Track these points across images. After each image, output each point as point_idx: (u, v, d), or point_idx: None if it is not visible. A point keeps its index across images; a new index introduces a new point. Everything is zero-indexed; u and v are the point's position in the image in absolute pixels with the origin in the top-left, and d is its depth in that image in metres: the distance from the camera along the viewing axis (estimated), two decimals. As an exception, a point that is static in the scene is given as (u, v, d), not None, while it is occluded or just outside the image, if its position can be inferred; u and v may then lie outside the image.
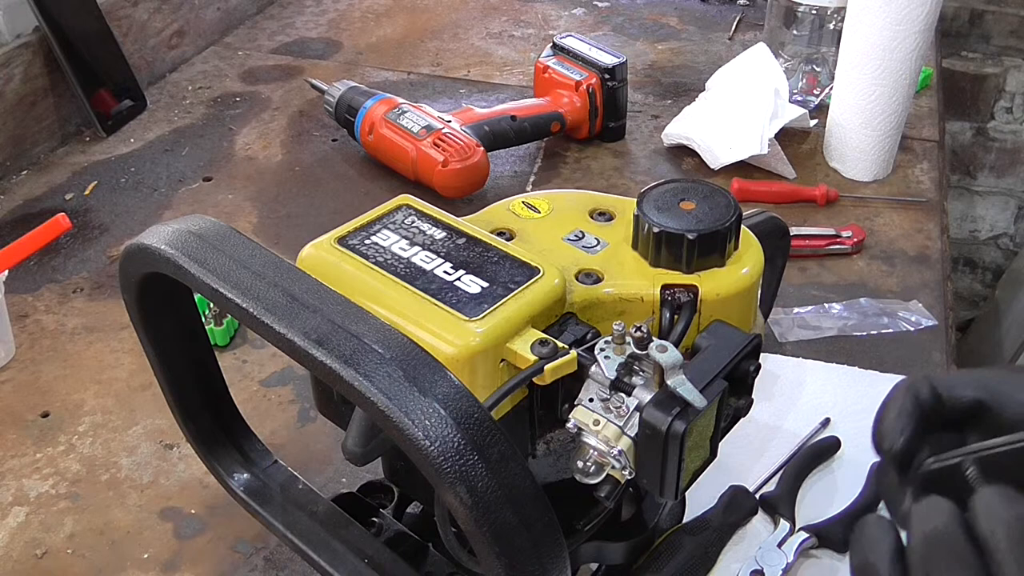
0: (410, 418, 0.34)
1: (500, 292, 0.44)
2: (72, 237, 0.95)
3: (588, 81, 1.05)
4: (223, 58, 1.31)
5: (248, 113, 1.18)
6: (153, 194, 1.03)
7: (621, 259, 0.48)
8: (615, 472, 0.40)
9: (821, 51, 1.13)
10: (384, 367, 0.35)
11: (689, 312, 0.46)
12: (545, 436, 0.47)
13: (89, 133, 1.13)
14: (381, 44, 1.35)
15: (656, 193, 0.49)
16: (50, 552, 0.65)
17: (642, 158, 1.08)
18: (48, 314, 0.86)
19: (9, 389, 0.78)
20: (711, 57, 1.29)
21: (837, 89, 1.02)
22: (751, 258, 0.48)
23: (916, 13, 0.92)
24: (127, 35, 1.18)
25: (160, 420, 0.75)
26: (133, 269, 0.44)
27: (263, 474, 0.55)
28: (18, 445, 0.73)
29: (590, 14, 1.43)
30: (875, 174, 1.03)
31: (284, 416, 0.75)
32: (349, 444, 0.44)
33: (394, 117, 1.00)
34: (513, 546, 0.35)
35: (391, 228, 0.48)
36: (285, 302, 0.38)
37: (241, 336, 0.83)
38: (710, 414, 0.40)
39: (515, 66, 1.28)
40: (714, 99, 1.10)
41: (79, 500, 0.69)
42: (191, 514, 0.68)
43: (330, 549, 0.51)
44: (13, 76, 1.04)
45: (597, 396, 0.41)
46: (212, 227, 0.43)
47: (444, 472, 0.34)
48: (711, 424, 0.42)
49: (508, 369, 0.43)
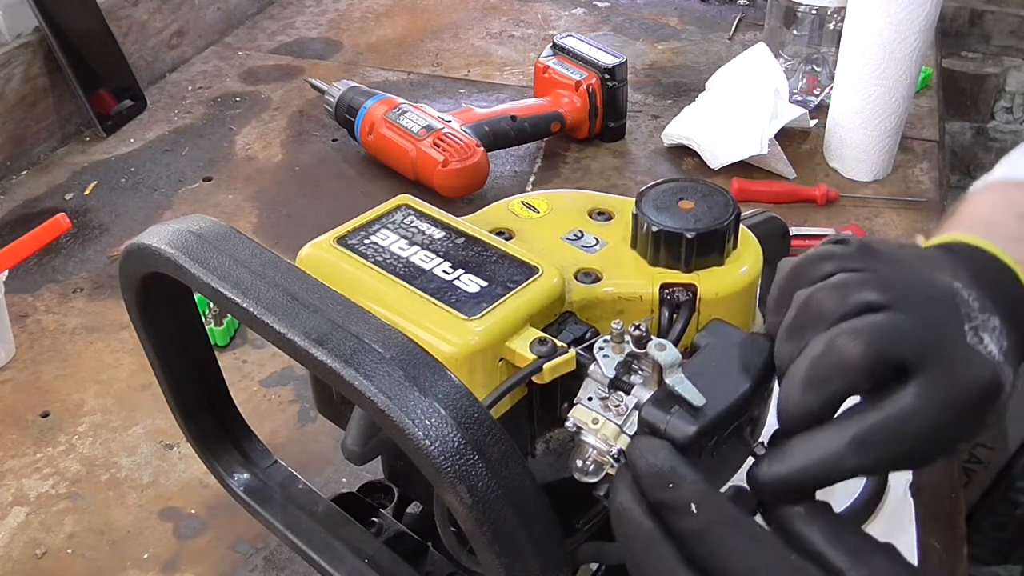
0: (410, 418, 0.34)
1: (499, 291, 0.44)
2: (72, 237, 0.96)
3: (588, 81, 1.05)
4: (223, 58, 1.31)
5: (248, 113, 1.18)
6: (153, 194, 1.03)
7: (620, 258, 0.48)
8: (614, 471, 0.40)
9: (821, 51, 1.13)
10: (384, 367, 0.35)
11: (688, 311, 0.46)
12: (544, 435, 0.47)
13: (89, 133, 1.13)
14: (381, 44, 1.35)
15: (655, 192, 0.49)
16: (50, 552, 0.65)
17: (642, 158, 1.08)
18: (48, 314, 0.86)
19: (9, 389, 0.78)
20: (711, 57, 1.29)
21: (837, 89, 1.02)
22: (750, 257, 0.48)
23: (916, 13, 0.92)
24: (127, 35, 1.18)
25: (160, 420, 0.75)
26: (133, 269, 0.44)
27: (263, 474, 0.55)
28: (18, 445, 0.73)
29: (590, 14, 1.43)
30: (875, 174, 1.03)
31: (284, 416, 0.75)
32: (348, 443, 0.44)
33: (394, 117, 1.00)
34: (513, 546, 0.35)
35: (390, 228, 0.48)
36: (285, 302, 0.38)
37: (241, 336, 0.83)
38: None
39: (515, 66, 1.28)
40: (714, 99, 1.10)
41: (79, 500, 0.69)
42: (191, 514, 0.68)
43: (330, 549, 0.51)
44: (13, 76, 1.04)
45: (596, 395, 0.41)
46: (212, 227, 0.43)
47: (444, 472, 0.34)
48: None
49: (507, 368, 0.43)
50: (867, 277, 0.40)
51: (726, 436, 0.40)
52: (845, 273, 0.40)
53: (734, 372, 0.40)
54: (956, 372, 0.37)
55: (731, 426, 0.40)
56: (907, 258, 0.42)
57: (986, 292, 0.40)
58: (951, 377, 0.37)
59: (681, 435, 0.38)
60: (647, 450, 0.37)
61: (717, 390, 0.39)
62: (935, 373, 0.37)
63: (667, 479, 0.36)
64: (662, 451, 0.37)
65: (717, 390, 0.39)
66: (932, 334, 0.38)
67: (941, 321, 0.38)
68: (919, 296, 0.39)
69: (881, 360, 0.37)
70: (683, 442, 0.38)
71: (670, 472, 0.36)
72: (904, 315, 0.38)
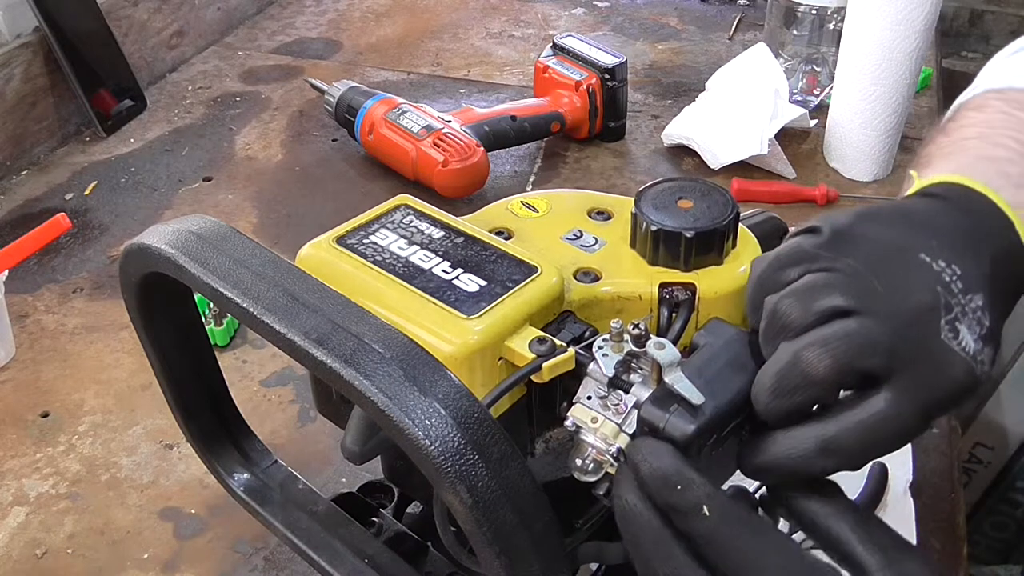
0: (410, 418, 0.34)
1: (498, 290, 0.44)
2: (72, 237, 0.96)
3: (588, 81, 1.05)
4: (223, 58, 1.31)
5: (248, 113, 1.18)
6: (153, 194, 1.03)
7: (619, 258, 0.48)
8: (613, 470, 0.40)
9: (821, 51, 1.13)
10: (384, 367, 0.35)
11: (687, 310, 0.46)
12: (544, 435, 0.47)
13: (89, 133, 1.13)
14: (381, 44, 1.35)
15: (654, 192, 0.49)
16: (50, 552, 0.65)
17: (642, 158, 1.08)
18: (48, 314, 0.86)
19: (9, 389, 0.79)
20: (711, 57, 1.29)
21: (837, 89, 1.02)
22: (749, 256, 0.48)
23: (916, 13, 0.92)
24: (127, 35, 1.18)
25: (160, 420, 0.75)
26: (133, 269, 0.44)
27: (263, 474, 0.55)
28: (18, 445, 0.73)
29: (590, 14, 1.43)
30: (875, 174, 1.03)
31: (284, 416, 0.75)
32: (348, 443, 0.44)
33: (394, 117, 1.00)
34: (513, 546, 0.35)
35: (390, 227, 0.48)
36: (285, 302, 0.38)
37: (241, 336, 0.83)
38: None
39: (515, 66, 1.28)
40: (714, 99, 1.10)
41: (79, 500, 0.69)
42: (191, 514, 0.68)
43: (330, 549, 0.51)
44: (13, 76, 1.04)
45: (595, 394, 0.41)
46: (212, 227, 0.43)
47: (444, 472, 0.34)
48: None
49: (506, 367, 0.43)
50: (834, 279, 0.38)
51: (725, 435, 0.40)
52: (812, 275, 0.39)
53: (733, 371, 0.40)
54: (929, 376, 0.36)
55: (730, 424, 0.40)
56: (883, 241, 0.40)
57: (977, 260, 0.39)
58: (924, 381, 0.36)
59: (680, 434, 0.38)
60: (649, 454, 0.37)
61: (716, 389, 0.39)
62: (906, 379, 0.36)
63: (673, 482, 0.36)
64: (665, 454, 0.37)
65: (716, 389, 0.39)
66: (903, 338, 0.37)
67: (912, 321, 0.37)
68: (891, 295, 0.38)
69: (849, 372, 0.36)
70: (682, 441, 0.38)
71: (675, 475, 0.36)
72: (873, 320, 0.37)
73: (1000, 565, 1.05)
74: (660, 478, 0.36)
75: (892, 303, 0.37)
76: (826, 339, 0.37)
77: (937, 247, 0.39)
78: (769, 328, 0.39)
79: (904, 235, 0.40)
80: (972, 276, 0.38)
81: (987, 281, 0.39)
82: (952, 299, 0.38)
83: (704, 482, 0.36)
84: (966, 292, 0.38)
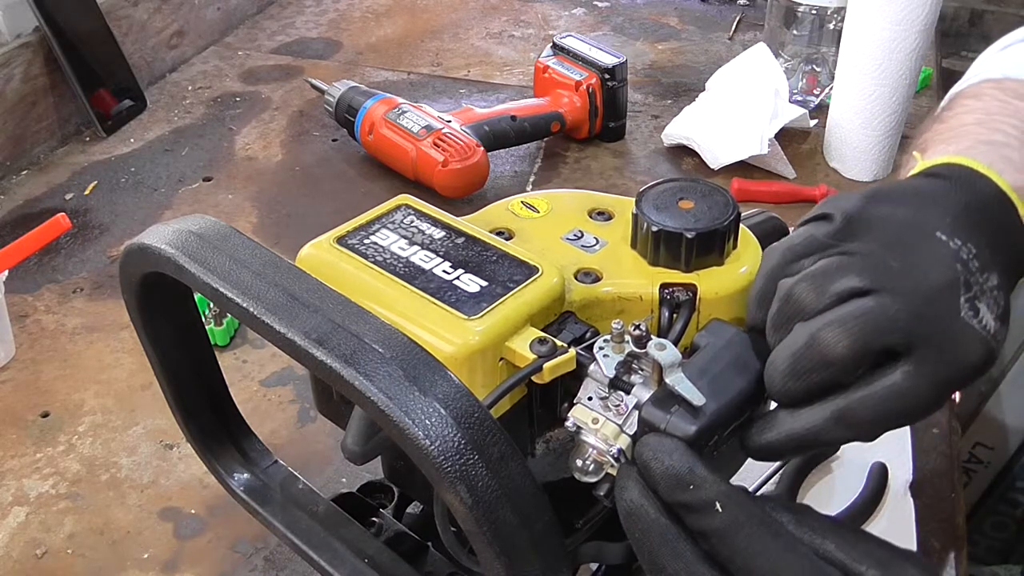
0: (410, 418, 0.34)
1: (499, 291, 0.44)
2: (72, 237, 0.96)
3: (588, 81, 1.05)
4: (223, 58, 1.31)
5: (248, 113, 1.18)
6: (153, 194, 1.03)
7: (620, 258, 0.48)
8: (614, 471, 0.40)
9: (821, 51, 1.13)
10: (384, 367, 0.35)
11: (688, 311, 0.46)
12: (544, 435, 0.47)
13: (89, 133, 1.13)
14: (381, 44, 1.35)
15: (654, 192, 0.49)
16: (50, 552, 0.65)
17: (642, 158, 1.08)
18: (48, 314, 0.86)
19: (9, 389, 0.79)
20: (711, 57, 1.29)
21: (837, 89, 1.02)
22: (750, 257, 0.48)
23: (916, 13, 0.92)
24: (127, 35, 1.18)
25: (160, 420, 0.75)
26: (133, 269, 0.44)
27: (263, 474, 0.55)
28: (18, 445, 0.73)
29: (590, 14, 1.43)
30: (875, 174, 1.03)
31: (284, 416, 0.75)
32: (348, 443, 0.44)
33: (394, 117, 1.00)
34: (513, 546, 0.35)
35: (390, 228, 0.48)
36: (285, 302, 0.38)
37: (241, 336, 0.83)
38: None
39: (515, 66, 1.28)
40: (714, 99, 1.10)
41: (79, 500, 0.69)
42: (191, 514, 0.68)
43: (330, 549, 0.51)
44: (13, 76, 1.04)
45: (596, 394, 0.41)
46: (212, 227, 0.43)
47: (444, 472, 0.34)
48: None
49: (507, 368, 0.43)
50: (848, 261, 0.38)
51: (726, 436, 0.40)
52: (826, 259, 0.39)
53: (734, 372, 0.41)
54: (948, 354, 0.36)
55: (731, 425, 0.40)
56: (896, 219, 0.39)
57: (986, 239, 0.38)
58: (943, 358, 0.36)
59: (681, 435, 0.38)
60: (661, 451, 0.37)
61: (717, 390, 0.39)
62: (925, 355, 0.36)
63: (686, 480, 0.36)
64: (676, 452, 0.36)
65: (717, 390, 0.39)
66: (922, 316, 0.36)
67: (933, 298, 0.36)
68: (909, 272, 0.37)
69: (867, 352, 0.36)
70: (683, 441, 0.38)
71: (688, 473, 0.36)
72: (891, 297, 0.36)
73: (1000, 565, 1.05)
74: (672, 476, 0.36)
75: (911, 280, 0.37)
76: (843, 319, 0.36)
77: (952, 225, 0.38)
78: (781, 312, 0.39)
79: (917, 213, 0.40)
80: (987, 255, 0.38)
81: (999, 259, 0.38)
82: (971, 277, 0.37)
83: (717, 479, 0.36)
84: (983, 271, 0.38)
